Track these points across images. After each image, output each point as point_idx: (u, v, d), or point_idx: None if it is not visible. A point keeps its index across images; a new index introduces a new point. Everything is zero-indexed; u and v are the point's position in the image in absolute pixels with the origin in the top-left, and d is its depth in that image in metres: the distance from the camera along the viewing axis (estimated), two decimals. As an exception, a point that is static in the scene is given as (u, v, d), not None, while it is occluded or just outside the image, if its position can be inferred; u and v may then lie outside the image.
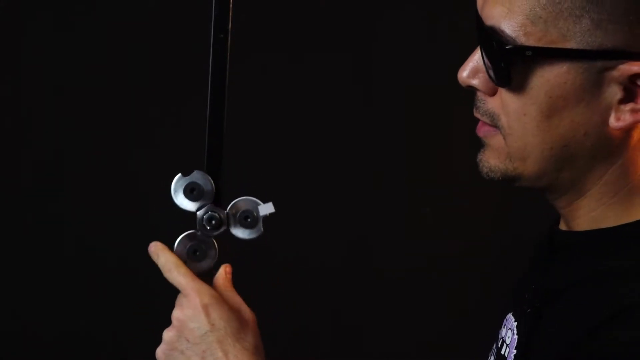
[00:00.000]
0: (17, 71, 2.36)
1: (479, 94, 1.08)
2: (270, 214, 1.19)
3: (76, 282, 2.39)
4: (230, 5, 1.17)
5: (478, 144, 1.12)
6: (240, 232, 1.20)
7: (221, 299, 1.16)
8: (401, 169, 2.47)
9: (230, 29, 1.17)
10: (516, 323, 1.11)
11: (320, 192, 2.45)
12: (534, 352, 1.05)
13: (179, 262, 1.19)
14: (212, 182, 1.20)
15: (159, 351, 1.17)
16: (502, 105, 1.05)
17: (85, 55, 2.35)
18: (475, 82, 1.08)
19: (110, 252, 2.41)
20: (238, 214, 1.20)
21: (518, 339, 1.09)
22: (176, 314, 1.16)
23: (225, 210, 1.20)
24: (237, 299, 1.18)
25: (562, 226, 1.13)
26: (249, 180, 1.23)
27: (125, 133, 2.38)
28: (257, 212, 1.20)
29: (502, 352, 1.13)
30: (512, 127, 1.05)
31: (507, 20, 1.01)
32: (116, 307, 2.41)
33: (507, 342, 1.12)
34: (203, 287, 1.17)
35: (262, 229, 1.20)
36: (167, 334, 1.16)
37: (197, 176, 1.20)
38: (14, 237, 2.38)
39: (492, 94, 1.06)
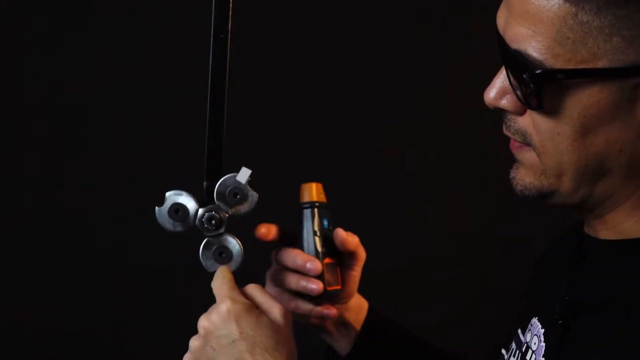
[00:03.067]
0: (17, 71, 2.36)
1: (506, 113, 1.06)
2: (251, 176, 1.20)
3: (76, 283, 2.39)
4: (230, 5, 1.17)
5: (478, 144, 1.11)
6: (241, 209, 1.21)
7: (253, 307, 1.14)
8: (401, 169, 2.47)
9: (230, 29, 1.17)
10: (543, 330, 1.10)
11: (320, 192, 2.45)
12: None
13: (226, 273, 1.18)
14: (185, 192, 1.21)
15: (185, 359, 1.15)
16: (533, 124, 1.03)
17: (85, 55, 2.35)
18: (503, 102, 1.06)
19: (110, 253, 2.41)
20: (227, 197, 1.20)
21: (546, 347, 1.08)
22: (203, 322, 1.14)
23: (214, 202, 1.21)
24: (269, 302, 1.16)
25: (589, 231, 1.11)
26: (249, 180, 1.22)
27: (125, 133, 2.38)
28: (239, 183, 1.21)
29: (528, 357, 1.12)
30: (546, 146, 1.03)
31: (533, 42, 0.99)
32: (116, 307, 2.41)
33: (534, 348, 1.10)
34: (237, 296, 1.14)
35: (255, 193, 1.21)
36: (193, 343, 1.14)
37: (172, 197, 1.21)
38: (13, 237, 2.38)
39: (522, 113, 1.05)
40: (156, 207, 1.21)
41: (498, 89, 1.05)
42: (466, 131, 2.42)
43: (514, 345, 1.20)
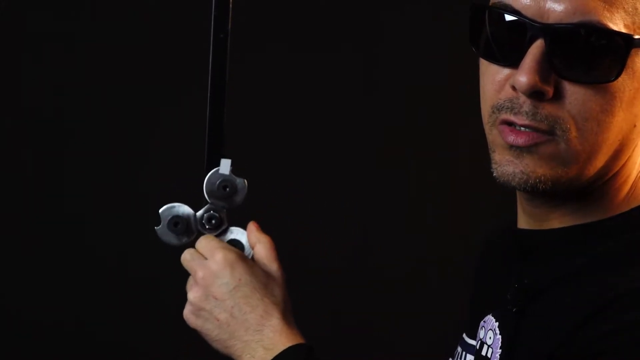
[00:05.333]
0: (17, 71, 2.36)
1: (531, 101, 1.00)
2: (232, 164, 1.20)
3: (76, 283, 2.39)
4: (230, 5, 1.17)
5: (478, 144, 1.11)
6: (236, 199, 1.20)
7: (244, 255, 1.16)
8: (401, 169, 2.47)
9: (230, 29, 1.17)
10: (497, 323, 1.09)
11: (320, 192, 2.45)
12: (521, 350, 1.04)
13: (208, 235, 1.20)
14: (176, 203, 1.20)
15: (187, 313, 1.16)
16: (579, 106, 0.99)
17: (85, 55, 2.35)
18: (548, 85, 0.99)
19: (110, 252, 2.41)
20: (217, 193, 1.20)
21: (502, 338, 1.07)
22: (200, 273, 1.15)
23: (208, 202, 1.20)
24: (269, 254, 1.18)
25: (528, 225, 1.10)
26: (249, 180, 1.22)
27: (125, 133, 2.38)
28: (224, 175, 1.20)
29: (483, 353, 1.10)
30: (583, 129, 1.00)
31: (605, 13, 0.98)
32: (116, 308, 2.41)
33: (489, 342, 1.09)
34: (227, 245, 1.17)
35: (242, 180, 1.20)
36: (193, 294, 1.15)
37: (166, 212, 1.20)
38: (14, 237, 2.38)
39: (561, 96, 1.00)
40: (155, 228, 1.21)
41: (542, 71, 0.99)
42: (466, 131, 2.42)
43: (459, 349, 1.19)
